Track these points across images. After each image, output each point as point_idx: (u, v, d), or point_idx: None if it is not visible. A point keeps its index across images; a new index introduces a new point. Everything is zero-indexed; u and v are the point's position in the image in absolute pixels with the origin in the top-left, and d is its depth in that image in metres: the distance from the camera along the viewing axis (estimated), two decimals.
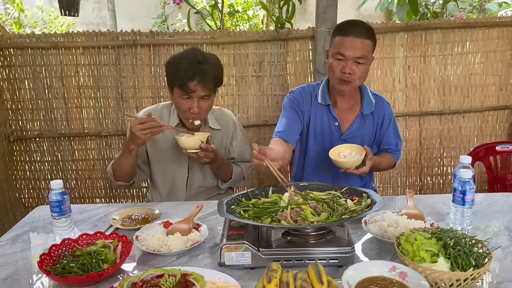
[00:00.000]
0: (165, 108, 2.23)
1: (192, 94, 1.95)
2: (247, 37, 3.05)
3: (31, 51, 2.99)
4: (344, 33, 1.97)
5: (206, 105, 2.02)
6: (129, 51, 3.02)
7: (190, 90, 1.94)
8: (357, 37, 1.95)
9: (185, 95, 1.96)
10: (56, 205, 1.60)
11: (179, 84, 1.95)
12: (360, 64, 1.98)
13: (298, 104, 2.18)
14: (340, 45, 1.97)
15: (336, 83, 2.04)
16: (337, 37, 2.00)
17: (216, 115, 2.25)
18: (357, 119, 2.16)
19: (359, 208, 1.49)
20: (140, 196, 3.31)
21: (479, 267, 1.21)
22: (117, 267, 1.37)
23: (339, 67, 1.99)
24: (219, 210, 1.47)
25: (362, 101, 2.16)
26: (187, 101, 1.98)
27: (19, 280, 1.38)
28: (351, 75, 1.98)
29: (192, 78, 1.92)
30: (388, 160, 2.22)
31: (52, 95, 3.08)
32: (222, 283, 1.27)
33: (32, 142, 3.17)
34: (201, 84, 1.94)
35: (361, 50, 1.96)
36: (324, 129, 2.18)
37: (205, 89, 1.96)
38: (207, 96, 2.00)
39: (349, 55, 1.95)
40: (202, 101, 1.99)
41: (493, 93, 3.29)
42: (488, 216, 1.77)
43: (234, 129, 2.26)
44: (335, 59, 2.00)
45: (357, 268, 1.25)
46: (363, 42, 1.96)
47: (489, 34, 3.18)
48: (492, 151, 2.78)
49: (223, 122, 2.24)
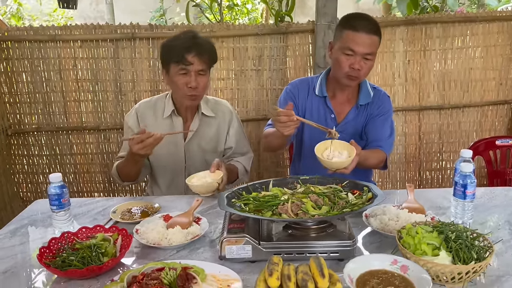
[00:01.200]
0: (159, 100, 2.25)
1: (189, 67, 1.99)
2: (246, 31, 3.04)
3: (28, 44, 2.97)
4: (355, 28, 1.93)
5: (203, 82, 2.05)
6: (128, 44, 3.00)
7: (188, 62, 1.98)
8: (368, 33, 1.92)
9: (183, 70, 2.00)
10: (55, 199, 1.59)
11: (176, 58, 1.99)
12: (367, 60, 1.97)
13: (293, 97, 2.19)
14: (350, 40, 1.94)
15: (343, 77, 2.02)
16: (345, 31, 1.96)
17: (211, 104, 2.26)
18: (352, 110, 2.16)
19: (360, 201, 1.48)
20: (139, 190, 3.30)
21: (480, 260, 1.21)
22: (117, 261, 1.36)
23: (348, 62, 1.96)
24: (220, 203, 1.47)
25: (359, 93, 2.16)
26: (184, 76, 2.01)
27: (18, 273, 1.37)
28: (359, 71, 1.97)
29: (189, 50, 1.97)
30: (377, 156, 2.08)
31: (50, 89, 3.06)
32: (222, 276, 1.26)
33: (30, 135, 3.16)
34: (198, 57, 1.99)
35: (371, 46, 1.94)
36: (319, 121, 2.16)
37: (201, 62, 2.00)
38: (203, 71, 2.03)
39: (359, 51, 1.93)
40: (199, 76, 2.02)
41: (493, 87, 3.29)
42: (489, 210, 1.76)
43: (230, 118, 2.27)
44: (343, 54, 1.96)
45: (359, 261, 1.25)
46: (372, 38, 1.94)
47: (489, 29, 3.17)
48: (492, 145, 2.78)
49: (218, 111, 2.26)
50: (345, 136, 2.14)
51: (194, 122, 2.20)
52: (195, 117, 2.20)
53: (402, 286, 1.17)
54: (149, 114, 2.21)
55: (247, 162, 2.29)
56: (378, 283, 1.18)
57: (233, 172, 2.17)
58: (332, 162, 1.70)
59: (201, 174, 1.97)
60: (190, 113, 2.21)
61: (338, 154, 1.75)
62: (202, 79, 2.04)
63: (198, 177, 1.95)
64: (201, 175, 1.96)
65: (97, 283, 1.29)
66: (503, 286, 1.22)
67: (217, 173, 1.93)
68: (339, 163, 1.70)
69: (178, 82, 2.03)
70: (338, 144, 1.78)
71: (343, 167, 1.71)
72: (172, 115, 2.18)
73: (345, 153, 1.75)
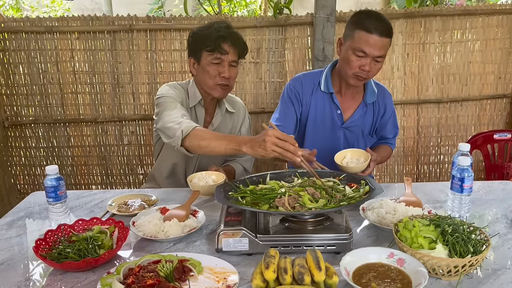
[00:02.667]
0: (183, 86, 2.16)
1: (224, 57, 1.97)
2: (245, 23, 3.02)
3: (25, 35, 2.94)
4: (368, 30, 1.88)
5: (235, 73, 2.05)
6: (125, 36, 2.98)
7: (224, 50, 1.96)
8: (381, 36, 1.89)
9: (216, 59, 1.98)
10: (52, 191, 1.59)
11: (211, 47, 1.96)
12: (378, 62, 1.95)
13: (297, 94, 2.16)
14: (363, 42, 1.90)
15: (351, 77, 1.99)
16: (358, 31, 1.91)
17: (228, 100, 2.25)
18: (359, 108, 2.14)
19: (357, 195, 1.48)
20: (137, 183, 3.30)
21: (477, 254, 1.21)
22: (114, 253, 1.36)
23: (358, 63, 1.94)
24: (217, 196, 1.46)
25: (365, 90, 2.15)
26: (217, 66, 1.99)
27: (15, 265, 1.37)
28: (368, 72, 1.95)
29: (225, 39, 1.97)
30: (387, 153, 2.26)
31: (47, 81, 3.04)
32: (219, 269, 1.26)
33: (27, 128, 3.15)
34: (234, 47, 1.99)
35: (383, 49, 1.92)
36: (325, 117, 2.16)
37: (235, 53, 2.01)
38: (235, 62, 2.03)
39: (371, 54, 1.90)
40: (231, 68, 2.01)
41: (492, 81, 3.28)
42: (486, 203, 1.77)
43: (244, 115, 2.29)
44: (354, 55, 1.93)
45: (355, 254, 1.25)
46: (385, 41, 1.91)
47: (489, 22, 3.16)
48: (490, 139, 2.78)
49: (235, 106, 2.27)
50: (353, 133, 2.16)
51: (216, 116, 2.18)
52: (216, 111, 2.18)
53: (399, 279, 1.17)
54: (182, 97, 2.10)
55: (248, 163, 2.28)
56: (374, 276, 1.19)
57: (229, 174, 2.16)
58: (349, 167, 1.83)
59: (200, 174, 1.94)
60: (212, 106, 2.18)
61: (356, 161, 1.91)
62: (234, 70, 2.04)
63: (198, 176, 1.93)
64: (200, 175, 1.94)
65: (94, 275, 1.29)
66: (499, 279, 1.22)
67: (220, 175, 1.92)
68: (355, 167, 1.83)
69: (210, 71, 2.00)
70: (355, 152, 1.95)
71: (360, 171, 1.83)
72: (197, 106, 2.13)
73: (361, 159, 1.90)
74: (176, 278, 1.20)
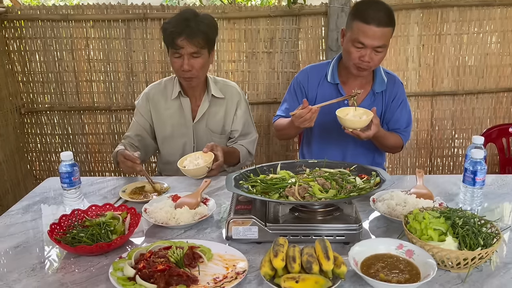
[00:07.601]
0: (168, 81, 2.28)
1: (180, 51, 2.00)
2: (258, 12, 3.01)
3: (41, 23, 2.98)
4: (365, 20, 1.87)
5: (198, 64, 2.05)
6: (140, 24, 2.99)
7: (177, 46, 1.99)
8: (379, 26, 1.86)
9: (176, 53, 2.01)
10: (66, 176, 1.62)
11: (168, 42, 2.02)
12: (378, 52, 1.93)
13: (302, 87, 2.19)
14: (360, 33, 1.88)
15: (353, 68, 2.00)
16: (356, 22, 1.90)
17: (220, 85, 2.27)
18: (367, 97, 2.13)
19: (367, 186, 1.48)
20: (149, 171, 3.34)
21: (487, 247, 1.20)
22: (126, 238, 1.38)
23: (358, 54, 1.93)
24: (227, 184, 1.47)
25: (374, 79, 2.13)
26: (178, 59, 2.03)
27: (30, 248, 1.40)
28: (368, 63, 1.94)
29: (179, 34, 1.97)
30: (395, 138, 2.16)
31: (62, 68, 3.08)
32: (228, 256, 1.28)
33: (43, 115, 3.20)
34: (188, 40, 1.98)
35: (382, 39, 1.89)
36: (332, 107, 2.15)
37: (192, 45, 1.99)
38: (196, 53, 2.02)
39: (369, 44, 1.89)
40: (193, 59, 2.03)
41: (509, 73, 3.21)
42: (499, 197, 1.74)
43: (238, 99, 2.28)
44: (354, 46, 1.93)
45: (364, 245, 1.26)
46: (384, 31, 1.88)
47: (507, 13, 3.08)
48: (505, 132, 2.73)
49: (227, 92, 2.26)
50: None
51: (203, 103, 2.20)
52: (204, 98, 2.21)
53: (407, 270, 1.17)
54: (160, 97, 2.24)
55: (251, 145, 2.29)
56: (383, 266, 1.19)
57: (233, 155, 2.18)
58: (349, 120, 1.80)
59: (194, 155, 1.99)
60: (198, 93, 2.22)
61: (358, 119, 1.85)
62: (197, 61, 2.04)
63: (191, 157, 1.97)
64: (194, 155, 1.98)
65: (106, 259, 1.32)
66: (509, 272, 1.22)
67: (208, 155, 1.94)
68: (356, 121, 1.80)
69: (174, 65, 2.07)
70: (360, 111, 1.89)
71: (360, 126, 1.80)
72: (179, 96, 2.20)
73: (364, 117, 1.84)
74: (186, 264, 1.21)
